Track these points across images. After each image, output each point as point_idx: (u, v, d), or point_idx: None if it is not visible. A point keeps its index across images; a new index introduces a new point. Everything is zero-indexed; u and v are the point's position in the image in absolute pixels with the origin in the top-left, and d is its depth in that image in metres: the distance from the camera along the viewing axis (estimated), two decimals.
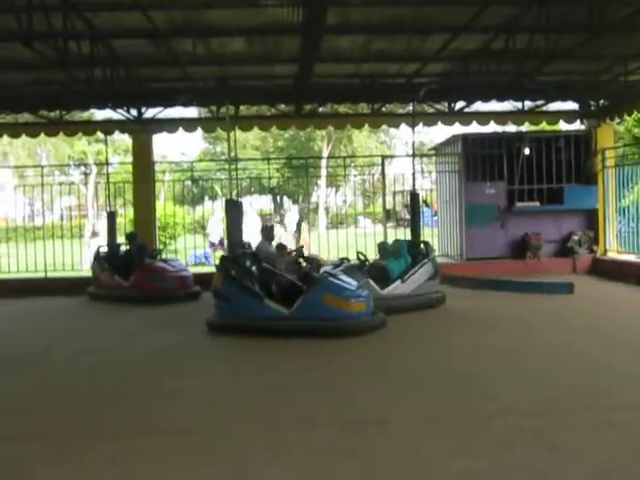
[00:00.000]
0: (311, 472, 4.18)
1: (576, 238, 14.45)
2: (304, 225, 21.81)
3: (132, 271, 12.29)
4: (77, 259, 15.69)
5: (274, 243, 10.54)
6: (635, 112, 14.83)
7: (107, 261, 12.80)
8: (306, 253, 11.26)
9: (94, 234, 19.98)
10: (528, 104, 14.50)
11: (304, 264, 9.77)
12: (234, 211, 9.90)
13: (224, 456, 4.48)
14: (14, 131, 14.61)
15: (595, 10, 8.42)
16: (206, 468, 4.27)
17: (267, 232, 10.85)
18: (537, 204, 14.58)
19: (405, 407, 5.41)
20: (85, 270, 14.47)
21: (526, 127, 15.55)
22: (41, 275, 14.35)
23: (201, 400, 5.84)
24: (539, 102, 14.43)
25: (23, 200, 17.70)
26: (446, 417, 5.12)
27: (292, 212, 23.56)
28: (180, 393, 6.06)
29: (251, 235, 12.72)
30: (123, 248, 13.37)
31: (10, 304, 12.27)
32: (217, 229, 19.20)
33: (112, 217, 13.87)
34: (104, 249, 13.28)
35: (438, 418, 5.10)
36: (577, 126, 15.34)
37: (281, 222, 23.10)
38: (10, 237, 17.80)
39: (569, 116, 15.03)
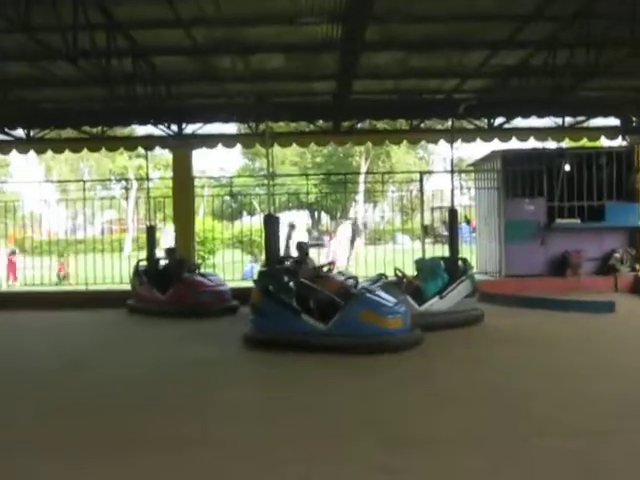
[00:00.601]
0: None
1: (617, 256, 14.22)
2: (358, 241, 21.98)
3: (170, 285, 12.40)
4: (117, 272, 15.84)
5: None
6: None
7: (146, 275, 12.94)
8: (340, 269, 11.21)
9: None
10: (568, 120, 14.36)
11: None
12: (272, 226, 9.94)
13: (257, 469, 4.47)
14: (58, 146, 14.89)
15: (636, 25, 8.32)
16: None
17: (301, 248, 10.95)
18: (577, 221, 14.38)
19: (442, 426, 5.34)
20: (125, 283, 14.65)
21: (566, 143, 15.38)
22: (82, 288, 14.57)
23: (234, 412, 5.85)
24: (580, 118, 14.29)
25: (65, 214, 17.97)
26: (484, 437, 5.03)
27: (344, 227, 23.87)
28: (214, 405, 6.08)
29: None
30: (162, 262, 13.49)
31: (51, 316, 12.45)
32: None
33: (151, 231, 14.00)
34: (143, 263, 13.42)
35: (476, 438, 5.02)
36: (619, 142, 15.14)
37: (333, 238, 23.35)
38: (52, 250, 18.07)
39: (610, 132, 14.82)
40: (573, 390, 6.36)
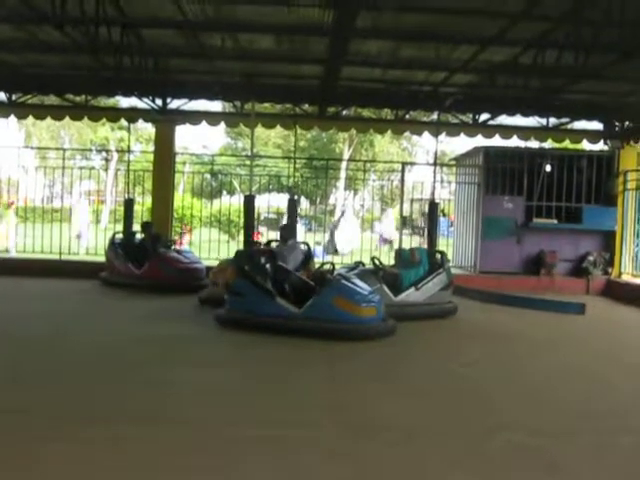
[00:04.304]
0: (303, 469, 4.16)
1: (591, 259, 14.37)
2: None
3: (145, 260, 12.33)
4: (93, 244, 15.73)
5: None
6: None
7: (121, 248, 12.86)
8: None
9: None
10: (552, 121, 14.44)
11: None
12: (251, 207, 9.92)
13: (216, 448, 4.46)
14: (39, 112, 14.70)
15: (626, 31, 8.36)
16: (198, 459, 4.26)
17: (283, 231, 10.95)
18: (555, 222, 14.50)
19: (406, 416, 5.38)
20: (100, 255, 14.55)
21: (549, 144, 15.47)
22: (55, 257, 14.45)
23: (195, 391, 5.83)
24: (564, 120, 14.36)
25: (43, 182, 17.78)
26: (447, 429, 5.08)
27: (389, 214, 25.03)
28: (178, 383, 6.06)
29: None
30: (138, 236, 13.41)
31: (23, 284, 12.37)
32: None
33: (130, 204, 13.92)
34: (119, 236, 13.33)
35: (439, 429, 5.07)
36: (600, 146, 15.26)
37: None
38: (28, 217, 17.91)
39: (593, 136, 14.94)
40: (536, 389, 6.43)
